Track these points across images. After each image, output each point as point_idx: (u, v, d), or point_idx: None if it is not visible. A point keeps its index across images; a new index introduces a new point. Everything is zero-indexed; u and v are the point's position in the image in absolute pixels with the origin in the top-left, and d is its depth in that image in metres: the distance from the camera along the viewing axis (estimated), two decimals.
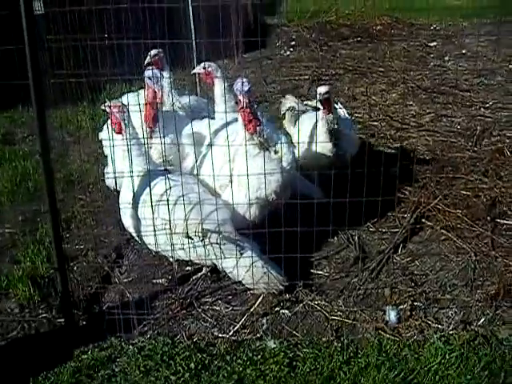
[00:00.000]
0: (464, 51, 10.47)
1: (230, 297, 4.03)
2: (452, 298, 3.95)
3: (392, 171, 4.03)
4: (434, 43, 11.19)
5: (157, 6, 4.68)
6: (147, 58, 5.06)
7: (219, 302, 3.98)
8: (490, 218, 4.81)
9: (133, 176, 3.77)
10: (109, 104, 3.95)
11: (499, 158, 5.94)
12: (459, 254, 4.43)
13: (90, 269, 4.38)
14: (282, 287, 3.90)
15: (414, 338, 3.58)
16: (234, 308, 3.92)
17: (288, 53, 11.07)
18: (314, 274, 4.24)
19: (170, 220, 3.73)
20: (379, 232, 4.74)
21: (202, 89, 6.88)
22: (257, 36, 5.73)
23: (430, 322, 3.71)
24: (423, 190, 5.27)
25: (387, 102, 7.90)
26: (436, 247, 4.54)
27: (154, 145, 4.33)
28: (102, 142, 5.03)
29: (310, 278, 4.15)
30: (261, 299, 3.92)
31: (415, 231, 4.72)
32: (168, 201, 3.71)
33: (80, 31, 4.43)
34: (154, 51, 5.07)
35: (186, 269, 4.26)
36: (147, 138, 4.20)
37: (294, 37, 12.14)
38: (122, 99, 4.34)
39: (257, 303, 3.90)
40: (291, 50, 11.25)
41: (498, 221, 4.81)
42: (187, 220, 3.76)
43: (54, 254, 3.63)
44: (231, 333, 3.68)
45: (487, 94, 8.09)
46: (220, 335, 3.67)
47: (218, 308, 3.92)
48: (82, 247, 4.66)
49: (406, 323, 3.71)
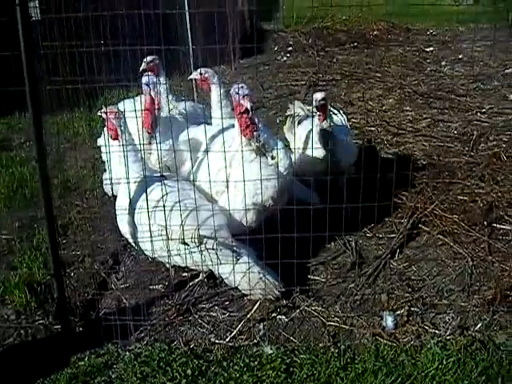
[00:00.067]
0: (460, 56, 10.50)
1: (226, 303, 4.02)
2: (449, 303, 3.94)
3: (388, 176, 4.02)
4: (431, 48, 11.23)
5: (153, 12, 4.69)
6: (143, 65, 5.07)
7: (216, 308, 3.97)
8: (486, 222, 4.82)
9: (129, 182, 3.78)
10: (105, 110, 3.96)
11: (496, 162, 5.95)
12: (456, 259, 4.43)
13: (87, 275, 4.37)
14: (278, 293, 3.89)
15: (411, 343, 3.57)
16: (231, 314, 3.91)
17: (285, 58, 11.09)
18: (311, 279, 4.24)
19: (166, 226, 3.73)
20: (376, 237, 4.74)
21: (199, 95, 6.89)
22: (254, 42, 5.74)
23: (427, 328, 3.70)
24: (420, 195, 5.28)
25: (384, 108, 7.92)
26: (433, 252, 4.55)
27: (153, 150, 4.33)
28: (100, 148, 5.04)
29: (307, 284, 4.14)
30: (257, 305, 3.91)
31: (412, 236, 4.72)
32: (164, 207, 3.71)
33: (76, 38, 4.44)
34: (149, 57, 5.08)
35: (183, 275, 4.24)
36: (145, 144, 4.22)
37: (290, 42, 12.18)
38: (118, 105, 4.35)
39: (253, 309, 3.89)
40: (288, 55, 11.28)
41: (495, 226, 4.81)
42: (183, 226, 3.76)
43: (50, 260, 3.63)
44: (228, 339, 3.68)
45: (484, 99, 8.12)
46: (217, 341, 3.66)
47: (214, 314, 3.91)
48: (78, 253, 4.66)
49: (402, 328, 3.70)
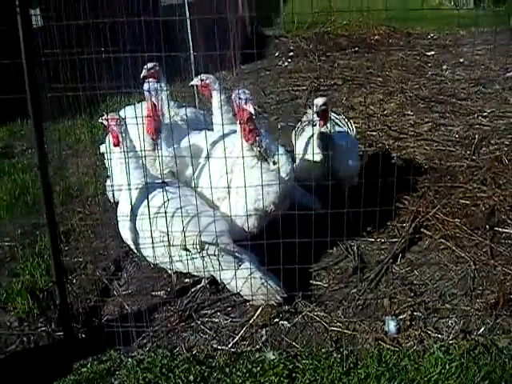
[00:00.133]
0: (461, 60, 10.50)
1: (229, 309, 4.02)
2: (452, 308, 3.94)
3: (390, 181, 4.02)
4: (432, 52, 11.23)
5: (154, 19, 4.71)
6: (143, 71, 5.08)
7: (218, 313, 3.97)
8: (488, 226, 4.81)
9: (131, 188, 3.78)
10: (106, 117, 3.97)
11: (497, 166, 5.94)
12: (458, 263, 4.42)
13: (89, 281, 4.37)
14: (280, 299, 3.88)
15: (414, 348, 3.57)
16: (233, 320, 3.90)
17: (286, 63, 11.10)
18: (313, 285, 4.24)
19: (167, 232, 3.73)
20: (378, 242, 4.73)
21: (200, 101, 6.90)
22: (255, 47, 5.74)
23: (429, 332, 3.70)
24: (422, 199, 5.27)
25: (385, 112, 7.92)
26: (435, 256, 4.54)
27: (158, 157, 4.33)
28: (103, 155, 5.04)
29: (309, 289, 4.13)
30: (260, 311, 3.91)
31: (414, 241, 4.72)
32: (166, 213, 3.72)
33: (77, 45, 4.45)
34: (150, 64, 5.09)
35: (185, 281, 4.25)
36: (149, 150, 4.23)
37: (292, 47, 12.20)
38: (120, 112, 4.36)
39: (256, 315, 3.89)
40: (289, 60, 11.29)
41: (497, 229, 4.80)
42: (185, 232, 3.76)
43: (52, 266, 3.63)
44: (230, 345, 3.67)
45: (485, 103, 8.11)
46: (219, 347, 3.66)
47: (217, 320, 3.91)
48: (80, 260, 4.66)
49: (405, 333, 3.69)
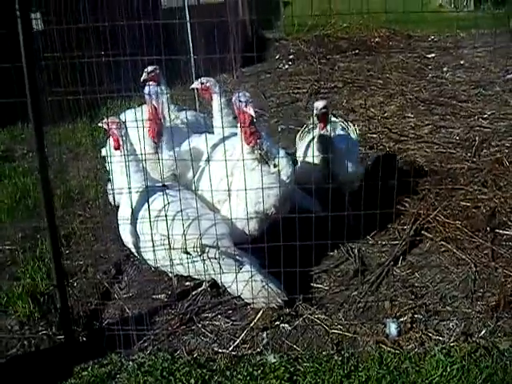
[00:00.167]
0: (462, 62, 10.52)
1: (229, 312, 4.01)
2: (453, 310, 3.93)
3: (390, 183, 4.03)
4: (432, 55, 11.25)
5: (155, 22, 4.71)
6: (143, 75, 5.09)
7: (219, 317, 3.96)
8: (489, 228, 4.81)
9: (131, 192, 3.78)
10: (106, 121, 3.97)
11: (498, 168, 5.95)
12: (459, 265, 4.42)
13: (90, 285, 4.37)
14: (281, 301, 3.88)
15: (415, 350, 3.56)
16: (234, 323, 3.90)
17: (286, 66, 11.12)
18: (314, 287, 4.23)
19: (168, 235, 3.73)
20: (379, 244, 4.73)
21: (201, 104, 6.91)
22: (255, 50, 5.75)
23: (430, 335, 3.69)
24: (422, 201, 5.27)
25: (386, 114, 7.94)
26: (436, 259, 4.53)
27: (161, 160, 4.33)
28: (104, 159, 5.04)
29: (310, 292, 4.13)
30: (261, 314, 3.90)
31: (415, 243, 4.71)
32: (166, 216, 3.72)
33: (78, 48, 4.45)
34: (150, 68, 5.09)
35: (186, 284, 4.24)
36: (152, 154, 4.23)
37: (292, 50, 12.23)
38: (120, 116, 4.36)
39: (257, 318, 3.88)
40: (290, 63, 11.32)
41: (498, 231, 4.80)
42: (185, 235, 3.76)
43: (53, 270, 3.63)
44: (231, 348, 3.66)
45: (485, 105, 8.13)
46: (220, 350, 3.65)
47: (217, 323, 3.91)
48: (81, 263, 4.65)
49: (406, 336, 3.68)
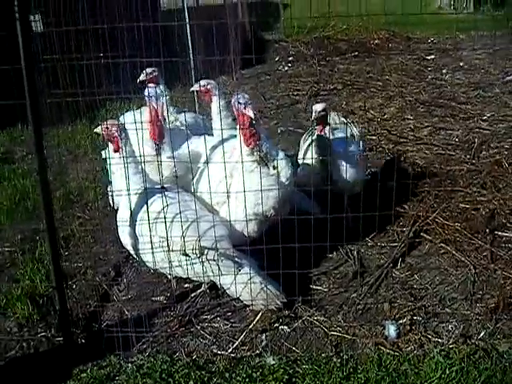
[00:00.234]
0: (461, 64, 10.52)
1: (229, 314, 4.01)
2: (452, 312, 3.93)
3: (389, 185, 4.02)
4: (432, 56, 11.24)
5: (154, 24, 4.72)
6: (142, 76, 5.09)
7: (218, 318, 3.96)
8: (489, 230, 4.80)
9: (130, 194, 3.78)
10: (101, 127, 3.96)
11: (497, 170, 5.94)
12: (458, 267, 4.41)
13: (89, 287, 4.37)
14: (280, 303, 3.87)
15: (414, 352, 3.55)
16: (233, 325, 3.90)
17: (286, 68, 11.12)
18: (313, 289, 4.23)
19: (167, 237, 3.73)
20: (378, 246, 4.73)
21: (200, 106, 6.91)
22: (255, 52, 5.74)
23: (429, 336, 3.69)
24: (422, 203, 5.27)
25: (385, 116, 7.93)
26: (435, 261, 4.53)
27: (164, 161, 4.33)
28: (105, 160, 5.03)
29: (309, 294, 4.13)
30: (259, 316, 3.90)
31: (414, 245, 4.71)
32: (165, 218, 3.71)
33: (77, 50, 4.46)
34: (149, 69, 5.10)
35: (185, 286, 4.24)
36: (153, 156, 4.23)
37: (292, 52, 12.22)
38: (120, 118, 4.36)
39: (256, 320, 3.88)
40: (289, 65, 11.31)
41: (497, 233, 4.80)
42: (184, 237, 3.76)
43: (52, 272, 3.63)
44: (230, 350, 3.66)
45: (485, 107, 8.12)
46: (219, 352, 3.65)
47: (216, 325, 3.90)
48: (80, 265, 4.66)
49: (405, 338, 3.68)
